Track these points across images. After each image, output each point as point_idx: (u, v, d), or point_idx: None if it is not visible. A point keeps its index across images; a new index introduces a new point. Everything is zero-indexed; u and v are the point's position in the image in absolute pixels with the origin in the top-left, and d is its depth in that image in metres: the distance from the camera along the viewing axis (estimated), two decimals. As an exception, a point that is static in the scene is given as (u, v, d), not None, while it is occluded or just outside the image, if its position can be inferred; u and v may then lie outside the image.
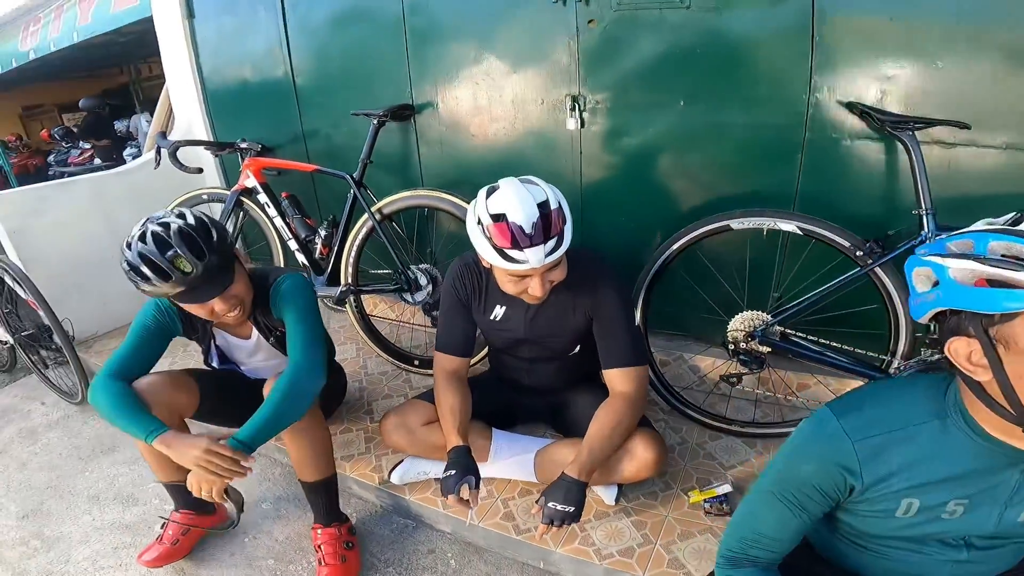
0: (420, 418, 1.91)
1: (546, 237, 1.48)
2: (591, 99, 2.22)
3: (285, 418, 1.61)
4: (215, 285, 1.59)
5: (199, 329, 1.86)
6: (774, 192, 2.05)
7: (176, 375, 1.82)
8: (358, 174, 2.50)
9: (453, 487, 1.58)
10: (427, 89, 2.54)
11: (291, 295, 1.77)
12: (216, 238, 1.60)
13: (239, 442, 1.54)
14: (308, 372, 1.66)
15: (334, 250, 2.58)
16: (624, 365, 1.71)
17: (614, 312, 1.72)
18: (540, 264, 1.49)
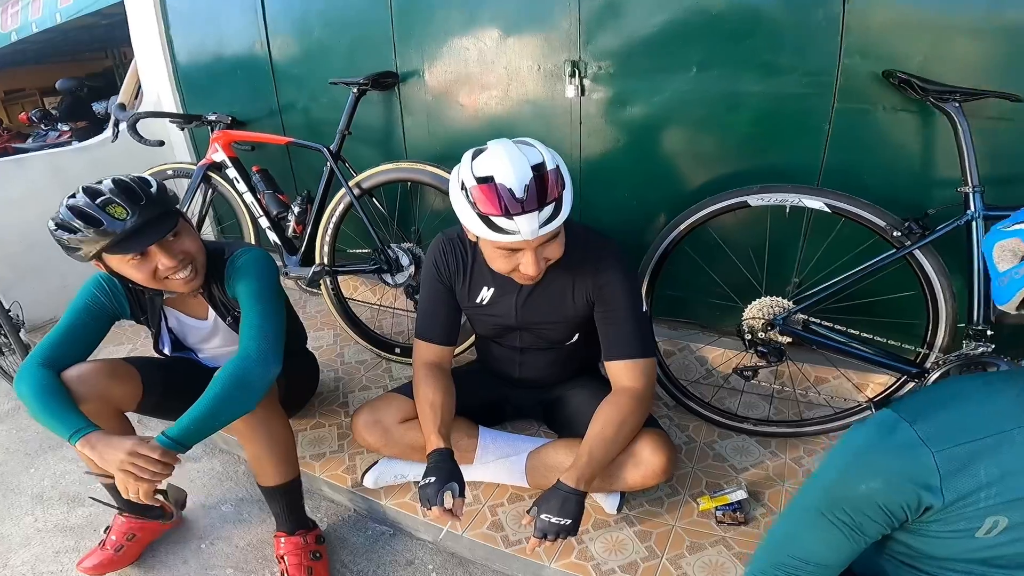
0: (397, 414, 1.66)
1: (541, 203, 1.24)
2: (593, 65, 1.97)
3: (226, 412, 1.37)
4: (155, 231, 1.36)
5: (148, 308, 1.61)
6: (796, 167, 1.82)
7: (114, 363, 1.56)
8: (335, 146, 2.24)
9: (435, 496, 1.34)
10: (413, 56, 2.28)
11: (247, 270, 1.53)
12: (156, 188, 1.39)
13: (170, 440, 1.30)
14: (258, 360, 1.41)
15: (308, 228, 2.32)
16: (630, 357, 1.47)
17: (620, 296, 1.48)
18: (534, 236, 1.25)
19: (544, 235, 1.27)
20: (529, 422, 1.92)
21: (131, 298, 1.58)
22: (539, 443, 1.69)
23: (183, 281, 1.45)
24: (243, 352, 1.42)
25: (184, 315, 1.68)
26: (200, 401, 1.34)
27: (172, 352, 1.73)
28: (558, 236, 1.34)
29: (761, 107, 1.82)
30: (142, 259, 1.38)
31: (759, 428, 1.87)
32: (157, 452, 1.28)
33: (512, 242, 1.28)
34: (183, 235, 1.44)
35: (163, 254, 1.38)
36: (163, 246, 1.38)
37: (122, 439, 1.29)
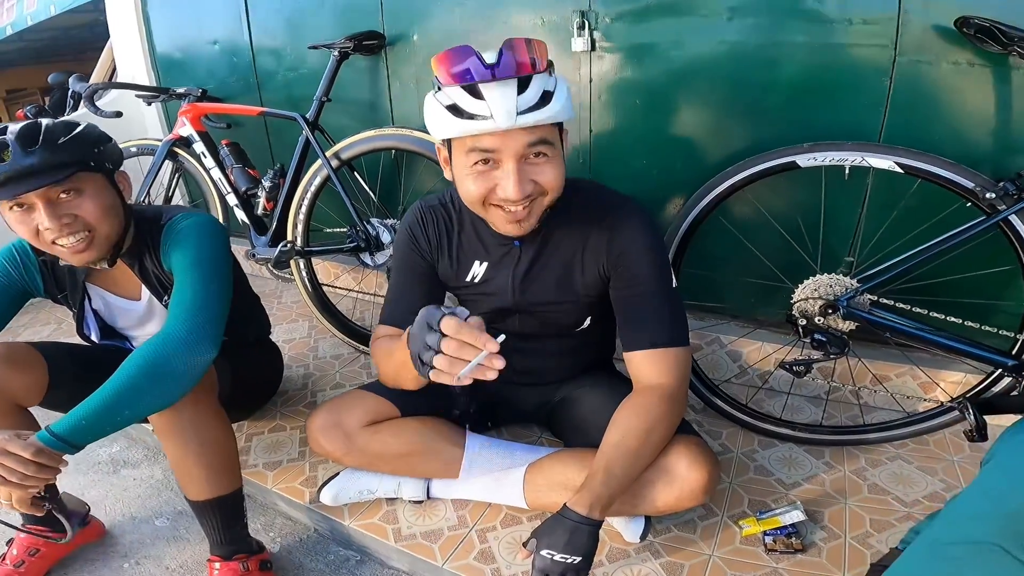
0: (362, 416, 1.30)
1: (518, 74, 0.92)
2: (605, 14, 1.65)
3: (136, 405, 1.04)
4: (36, 178, 1.05)
5: (67, 285, 1.29)
6: (849, 129, 1.47)
7: (13, 348, 1.23)
8: (312, 114, 1.93)
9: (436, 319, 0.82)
10: (402, 16, 1.98)
11: (185, 236, 1.21)
12: (76, 136, 1.11)
13: (54, 437, 0.97)
14: (185, 341, 1.08)
15: (280, 204, 1.99)
16: (656, 345, 1.11)
17: (643, 267, 1.12)
18: (510, 120, 0.92)
19: (526, 131, 0.94)
20: (528, 427, 1.56)
21: (45, 272, 1.27)
22: (540, 453, 1.31)
23: (69, 249, 1.13)
24: (167, 330, 1.09)
25: (111, 294, 1.35)
26: (102, 389, 1.01)
27: (101, 339, 1.40)
28: (551, 157, 0.99)
29: (807, 61, 1.49)
30: (24, 212, 1.10)
31: (812, 436, 1.50)
32: (29, 451, 0.95)
33: (483, 132, 0.94)
34: (84, 197, 1.13)
35: (45, 210, 1.08)
36: (49, 201, 1.09)
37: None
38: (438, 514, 1.34)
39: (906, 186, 1.37)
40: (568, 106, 0.98)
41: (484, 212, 1.06)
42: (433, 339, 0.81)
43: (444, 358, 0.80)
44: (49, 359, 1.26)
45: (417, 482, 1.35)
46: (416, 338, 0.85)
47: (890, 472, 1.39)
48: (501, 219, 1.04)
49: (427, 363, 0.82)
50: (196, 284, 1.15)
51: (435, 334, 0.81)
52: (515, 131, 0.95)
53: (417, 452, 1.29)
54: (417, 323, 0.86)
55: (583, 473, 1.14)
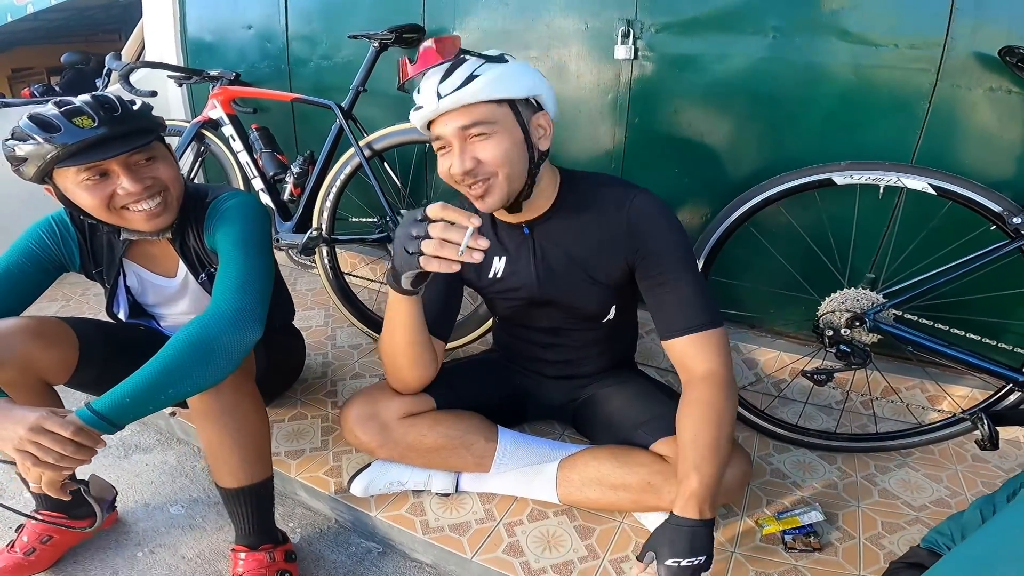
0: (399, 408, 1.25)
1: (442, 59, 1.01)
2: (651, 24, 1.62)
3: (182, 383, 0.97)
4: (125, 141, 1.02)
5: (104, 259, 1.22)
6: (883, 149, 1.46)
7: (43, 321, 1.14)
8: (347, 103, 1.85)
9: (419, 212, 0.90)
10: (443, 10, 1.92)
11: (232, 214, 1.15)
12: (140, 108, 1.08)
13: (95, 414, 0.90)
14: (233, 319, 1.01)
15: (307, 191, 1.91)
16: (696, 329, 1.08)
17: (668, 254, 1.10)
18: (433, 104, 1.00)
19: (459, 114, 1.00)
20: (550, 424, 1.52)
21: (83, 245, 1.19)
22: (571, 449, 1.28)
23: (146, 214, 1.07)
24: (214, 309, 1.03)
25: (147, 271, 1.27)
26: (147, 366, 0.94)
27: (129, 318, 1.31)
28: (491, 135, 1.02)
29: (848, 81, 1.47)
30: (100, 180, 1.03)
31: (827, 442, 1.49)
32: (69, 429, 0.87)
33: (426, 118, 1.04)
34: (159, 161, 1.09)
35: (127, 175, 1.04)
36: (129, 167, 1.04)
37: (27, 410, 0.89)
38: (465, 507, 1.30)
39: (935, 207, 1.36)
40: (503, 84, 1.00)
41: (457, 187, 1.09)
42: (419, 228, 0.86)
43: (432, 242, 0.84)
44: (80, 335, 1.18)
45: (447, 475, 1.31)
46: (400, 238, 0.90)
47: (899, 478, 1.40)
48: (469, 196, 1.08)
49: (414, 252, 0.86)
50: (242, 263, 1.09)
51: (420, 224, 0.86)
52: (450, 115, 1.01)
53: (451, 446, 1.25)
54: (400, 228, 0.91)
55: (619, 469, 1.15)
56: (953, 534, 0.96)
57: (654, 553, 1.00)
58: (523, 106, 1.04)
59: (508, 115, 1.03)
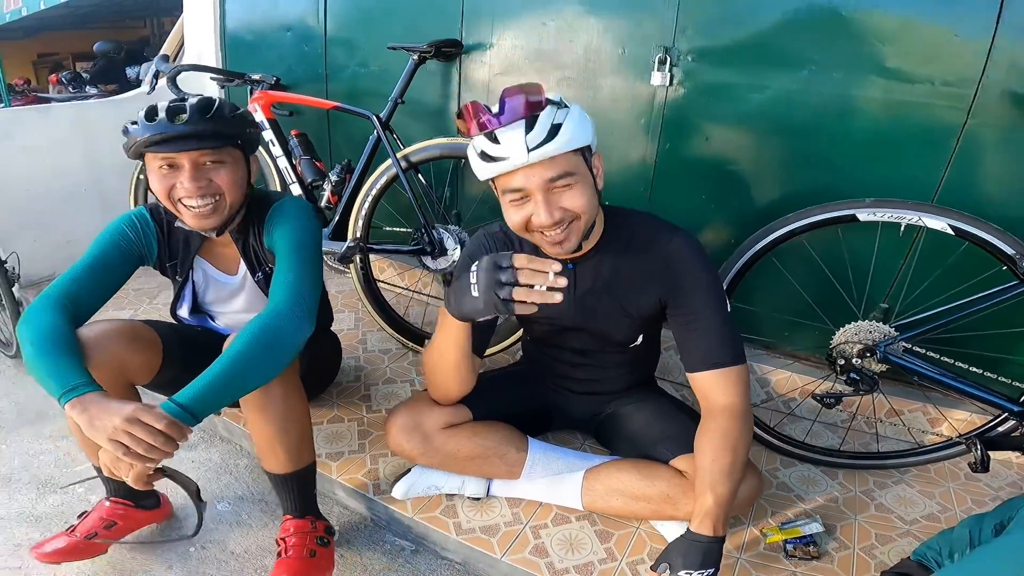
0: (440, 419, 1.32)
1: (527, 115, 1.00)
2: (688, 53, 1.67)
3: (251, 376, 1.06)
4: (197, 141, 1.13)
5: (179, 254, 1.31)
6: (908, 184, 1.51)
7: (136, 326, 1.24)
8: (385, 114, 1.91)
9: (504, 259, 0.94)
10: (481, 26, 1.96)
11: (288, 217, 1.25)
12: (238, 116, 1.20)
13: (180, 407, 0.97)
14: (290, 316, 1.11)
15: (344, 199, 1.97)
16: (721, 365, 1.15)
17: (702, 294, 1.16)
18: (524, 159, 1.00)
19: (545, 166, 1.01)
20: (572, 435, 1.59)
21: (161, 239, 1.28)
22: (595, 460, 1.37)
23: (195, 212, 1.16)
24: (274, 306, 1.11)
25: (212, 267, 1.37)
26: (220, 361, 1.03)
27: (190, 316, 1.40)
28: (574, 184, 1.05)
29: (880, 115, 1.52)
30: (169, 170, 1.14)
31: (831, 459, 1.57)
32: (162, 422, 0.95)
33: (507, 171, 1.03)
34: (224, 168, 1.18)
35: (189, 173, 1.14)
36: (195, 165, 1.14)
37: (121, 403, 0.96)
38: (494, 511, 1.38)
39: (953, 245, 1.41)
40: (582, 133, 1.04)
41: (530, 237, 1.13)
42: (507, 275, 0.92)
43: (522, 289, 0.91)
44: (162, 338, 1.28)
45: (479, 481, 1.39)
46: (485, 283, 0.94)
47: (895, 494, 1.49)
48: (544, 243, 1.12)
49: (505, 299, 0.92)
50: (299, 264, 1.18)
51: (507, 270, 0.92)
52: (535, 167, 1.02)
53: (486, 455, 1.33)
54: (483, 272, 0.94)
55: (641, 482, 1.23)
56: (942, 549, 1.04)
57: (668, 564, 1.08)
58: (586, 150, 1.08)
59: (581, 162, 1.07)
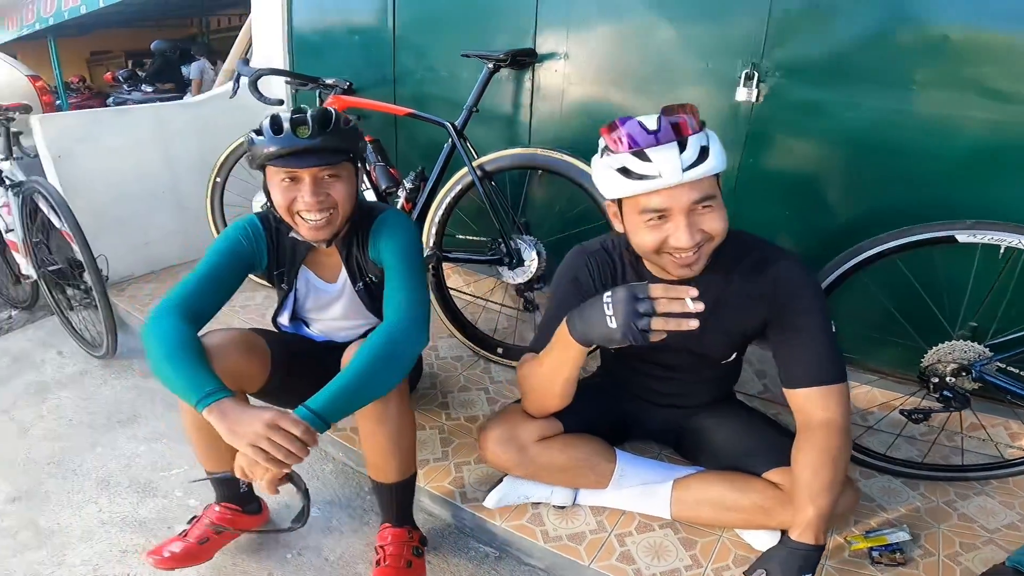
0: (534, 431, 1.34)
1: (679, 138, 1.01)
2: (776, 68, 1.64)
3: (374, 387, 1.11)
4: (317, 158, 1.18)
5: (287, 261, 1.35)
6: (1004, 206, 1.46)
7: (249, 336, 1.29)
8: (460, 122, 1.91)
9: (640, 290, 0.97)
10: (556, 35, 1.95)
11: (395, 230, 1.28)
12: (351, 127, 1.23)
13: (313, 414, 1.02)
14: (409, 331, 1.16)
15: (418, 207, 1.99)
16: (825, 383, 1.16)
17: (811, 313, 1.17)
18: (677, 177, 1.01)
19: (692, 187, 1.02)
20: (647, 444, 1.61)
21: (271, 247, 1.33)
22: (682, 471, 1.40)
23: (311, 225, 1.21)
24: (392, 321, 1.17)
25: (315, 276, 1.41)
26: (346, 372, 1.08)
27: (289, 323, 1.46)
28: (714, 208, 1.06)
29: (981, 135, 1.47)
30: (290, 183, 1.19)
31: (912, 471, 1.57)
32: (300, 428, 1.00)
33: (654, 189, 1.02)
34: (340, 181, 1.22)
35: (309, 186, 1.18)
36: (315, 179, 1.19)
37: (259, 409, 1.02)
38: (579, 519, 1.41)
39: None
40: (723, 158, 1.05)
41: (657, 259, 1.13)
42: (645, 306, 0.94)
43: (660, 318, 0.94)
44: (270, 347, 1.32)
45: (567, 490, 1.42)
46: (623, 313, 0.96)
47: (976, 504, 1.49)
48: (673, 264, 1.11)
49: (644, 328, 0.94)
50: (411, 279, 1.22)
51: (645, 301, 0.94)
52: (682, 188, 1.02)
53: (578, 467, 1.36)
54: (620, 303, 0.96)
55: (734, 493, 1.25)
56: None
57: (765, 570, 1.10)
58: (720, 175, 1.09)
59: (718, 186, 1.08)
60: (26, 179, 2.07)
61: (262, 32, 2.72)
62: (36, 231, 2.15)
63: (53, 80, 6.78)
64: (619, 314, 0.96)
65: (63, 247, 2.18)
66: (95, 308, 2.13)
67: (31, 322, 2.49)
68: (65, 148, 2.27)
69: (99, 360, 2.14)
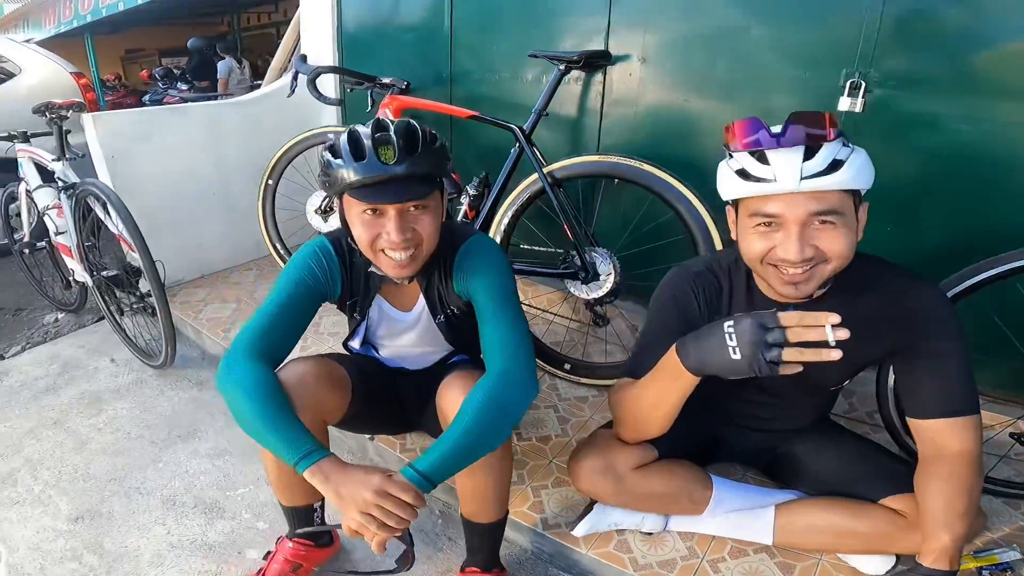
0: (631, 459, 1.26)
1: (806, 143, 0.94)
2: (884, 78, 1.52)
3: (486, 445, 1.02)
4: (404, 191, 1.02)
5: (361, 291, 1.24)
6: None
7: (330, 366, 1.21)
8: (529, 126, 1.82)
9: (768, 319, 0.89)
10: (631, 36, 1.85)
11: (487, 263, 1.16)
12: (439, 146, 1.07)
13: (421, 476, 0.95)
14: (520, 382, 1.05)
15: (482, 215, 1.91)
16: (961, 414, 1.08)
17: (952, 341, 1.08)
18: (793, 185, 0.93)
19: (813, 198, 0.94)
20: (731, 466, 1.52)
21: (345, 276, 1.21)
22: (780, 496, 1.33)
23: (395, 263, 1.08)
24: (500, 371, 1.05)
25: (388, 304, 1.30)
26: (457, 430, 0.99)
27: (360, 347, 1.36)
28: (837, 226, 0.96)
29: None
30: (373, 216, 1.05)
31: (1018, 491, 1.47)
32: (409, 494, 0.92)
33: (768, 193, 0.96)
34: (427, 213, 1.07)
35: (395, 221, 1.04)
36: (400, 212, 1.04)
37: (365, 473, 0.94)
38: (668, 545, 1.34)
39: None
40: (861, 176, 0.96)
41: (762, 270, 1.05)
42: (775, 335, 0.87)
43: (794, 349, 0.86)
44: (350, 376, 1.25)
45: (658, 517, 1.35)
46: (750, 344, 0.88)
47: None
48: (777, 279, 1.03)
49: (773, 361, 0.87)
50: (511, 319, 1.11)
51: (776, 331, 0.87)
52: (800, 197, 0.95)
53: (675, 494, 1.30)
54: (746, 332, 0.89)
55: (852, 520, 1.19)
56: None
57: None
58: (858, 195, 1.00)
59: (851, 205, 0.99)
60: (80, 181, 2.02)
61: (311, 28, 2.65)
62: (87, 234, 2.10)
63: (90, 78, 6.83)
64: (744, 345, 0.89)
65: (116, 251, 2.13)
66: (148, 314, 2.08)
67: (80, 326, 2.46)
68: (119, 148, 2.22)
69: (153, 369, 2.09)
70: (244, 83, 6.17)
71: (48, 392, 1.99)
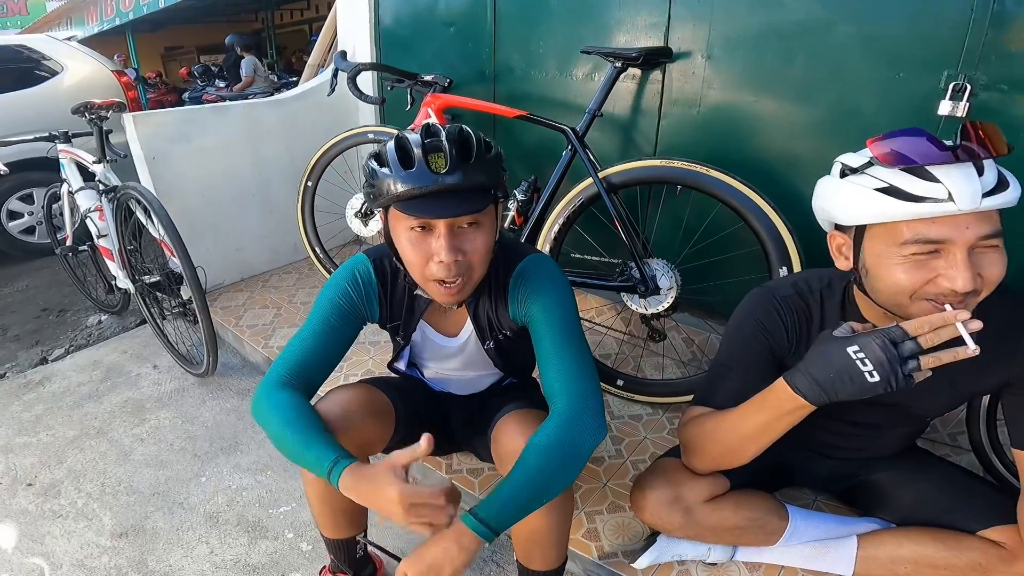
0: (704, 491, 1.17)
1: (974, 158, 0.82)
2: (991, 81, 1.37)
3: (551, 491, 0.93)
4: (459, 204, 0.91)
5: (403, 315, 1.14)
6: None
7: (373, 394, 1.14)
8: (582, 127, 1.72)
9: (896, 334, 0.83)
10: (695, 31, 1.71)
11: (548, 287, 1.05)
12: (494, 154, 0.96)
13: (481, 523, 0.87)
14: (589, 424, 0.95)
15: (531, 221, 1.81)
16: None
17: None
18: (974, 204, 0.81)
19: (983, 219, 0.83)
20: (800, 490, 1.42)
21: (383, 298, 1.12)
22: (861, 525, 1.23)
23: (443, 288, 0.97)
24: (570, 413, 0.95)
25: (432, 329, 1.20)
26: (521, 475, 0.90)
27: (406, 369, 1.29)
28: (999, 248, 0.86)
29: None
30: (422, 232, 0.94)
31: None
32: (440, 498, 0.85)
33: (936, 215, 0.83)
34: (480, 232, 0.96)
35: (446, 239, 0.92)
36: (452, 229, 0.93)
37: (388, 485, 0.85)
38: (731, 575, 1.26)
39: None
40: (1019, 192, 0.85)
41: (907, 305, 0.90)
42: (911, 346, 0.82)
43: (931, 356, 0.81)
44: (393, 403, 1.17)
45: (726, 548, 1.27)
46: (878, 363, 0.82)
47: None
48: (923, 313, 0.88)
49: (909, 373, 0.82)
50: (578, 354, 1.00)
51: (909, 343, 0.82)
52: (970, 218, 0.83)
53: (749, 527, 1.20)
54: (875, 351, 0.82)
55: (946, 552, 1.10)
56: None
57: None
58: None
59: None
60: (121, 184, 1.98)
61: (347, 24, 2.58)
62: (129, 238, 2.07)
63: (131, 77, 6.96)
64: (880, 366, 0.82)
65: (158, 256, 2.10)
66: (189, 320, 2.04)
67: (123, 328, 2.45)
68: (160, 149, 2.19)
69: (195, 377, 2.06)
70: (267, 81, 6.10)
71: (91, 399, 1.97)
